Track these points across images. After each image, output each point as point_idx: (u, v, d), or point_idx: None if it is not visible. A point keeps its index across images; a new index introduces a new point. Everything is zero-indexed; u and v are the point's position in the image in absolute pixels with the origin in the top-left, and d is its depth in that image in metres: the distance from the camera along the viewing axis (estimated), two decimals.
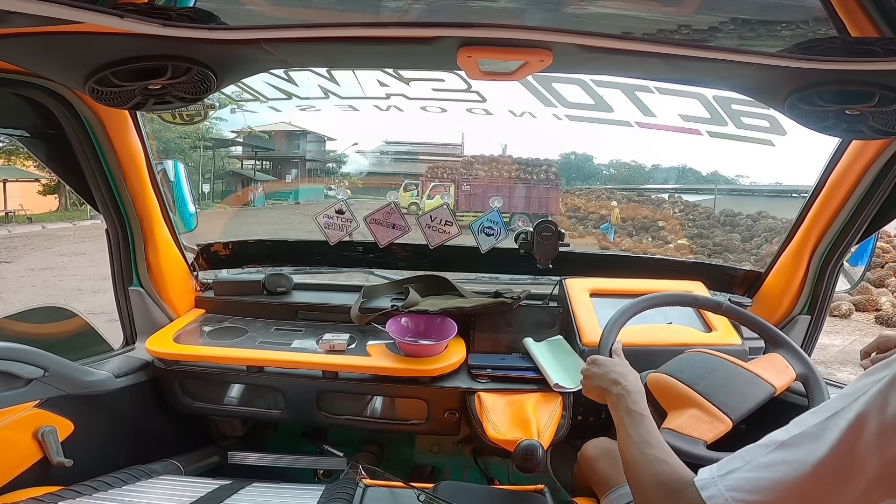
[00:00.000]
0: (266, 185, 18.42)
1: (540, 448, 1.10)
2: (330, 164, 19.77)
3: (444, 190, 15.64)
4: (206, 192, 17.17)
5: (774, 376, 1.12)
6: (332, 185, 19.09)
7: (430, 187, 15.99)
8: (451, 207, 15.12)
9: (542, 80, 1.47)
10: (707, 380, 1.10)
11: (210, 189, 17.50)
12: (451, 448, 1.83)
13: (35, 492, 1.01)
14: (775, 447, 0.60)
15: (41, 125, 1.22)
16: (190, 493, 1.05)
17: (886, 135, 0.95)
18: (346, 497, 1.00)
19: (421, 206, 15.63)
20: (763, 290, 1.60)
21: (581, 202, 16.76)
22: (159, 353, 1.39)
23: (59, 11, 0.61)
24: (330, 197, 19.05)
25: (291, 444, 1.80)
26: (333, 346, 1.39)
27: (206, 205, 15.87)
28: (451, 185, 15.88)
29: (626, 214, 14.91)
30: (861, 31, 0.84)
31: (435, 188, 15.93)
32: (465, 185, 15.78)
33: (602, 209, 15.68)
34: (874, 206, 1.31)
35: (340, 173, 19.86)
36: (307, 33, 0.77)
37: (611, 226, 14.30)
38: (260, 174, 18.75)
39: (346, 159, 19.20)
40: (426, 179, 16.74)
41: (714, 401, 1.05)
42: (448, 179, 16.19)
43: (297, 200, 18.26)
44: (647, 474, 0.75)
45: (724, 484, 0.61)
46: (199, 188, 15.80)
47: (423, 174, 16.81)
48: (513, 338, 1.51)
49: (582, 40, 0.74)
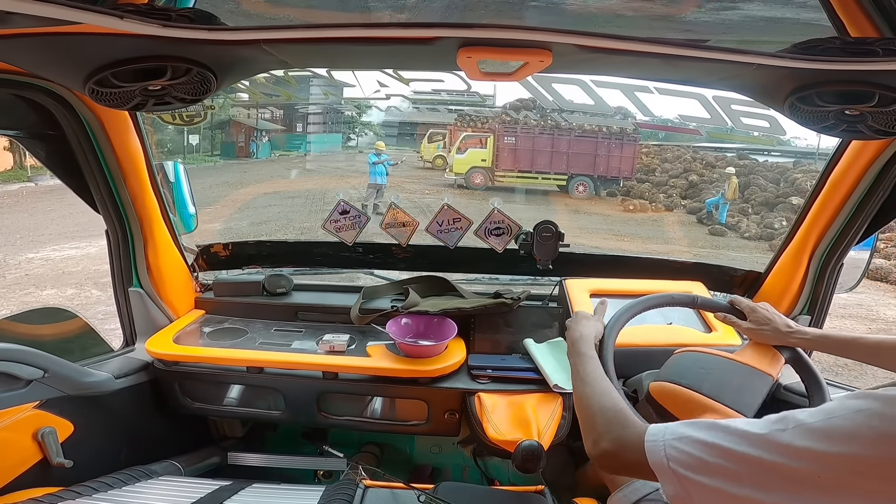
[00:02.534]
0: (273, 135, 16.23)
1: (540, 448, 1.10)
2: (348, 112, 17.33)
3: (481, 143, 12.73)
4: (195, 145, 14.54)
5: (767, 365, 1.12)
6: (352, 135, 16.99)
7: (460, 138, 12.94)
8: (489, 165, 12.05)
9: (541, 80, 1.47)
10: (709, 381, 1.09)
11: (198, 141, 14.80)
12: (451, 449, 1.83)
13: (35, 493, 1.01)
14: (730, 433, 0.59)
15: (41, 125, 1.22)
16: (190, 494, 1.05)
17: (886, 135, 0.94)
18: (346, 498, 1.00)
19: (449, 161, 13.26)
20: (763, 290, 1.59)
21: (655, 162, 13.41)
22: (159, 354, 1.39)
23: (59, 12, 0.61)
24: (350, 148, 17.04)
25: (291, 445, 1.80)
26: (333, 347, 1.39)
27: (191, 159, 13.66)
28: (490, 137, 12.70)
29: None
30: (861, 31, 0.84)
31: (468, 139, 12.82)
32: (507, 136, 12.47)
33: (689, 173, 12.34)
34: (874, 206, 1.31)
35: (361, 122, 17.96)
36: (307, 34, 0.77)
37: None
38: (264, 122, 16.17)
39: (367, 107, 16.74)
40: (455, 129, 13.62)
41: (724, 401, 1.05)
42: (485, 129, 12.98)
43: (308, 151, 16.04)
44: (591, 403, 0.81)
45: (668, 452, 0.62)
46: (185, 139, 13.68)
47: (451, 124, 13.81)
48: (513, 338, 1.51)
49: (581, 40, 0.74)
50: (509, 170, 12.73)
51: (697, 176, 12.43)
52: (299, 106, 15.07)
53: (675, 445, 0.62)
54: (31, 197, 10.86)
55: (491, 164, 12.74)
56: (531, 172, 12.56)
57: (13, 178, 12.04)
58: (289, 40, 0.81)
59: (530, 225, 1.56)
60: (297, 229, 8.23)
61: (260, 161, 15.38)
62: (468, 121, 13.39)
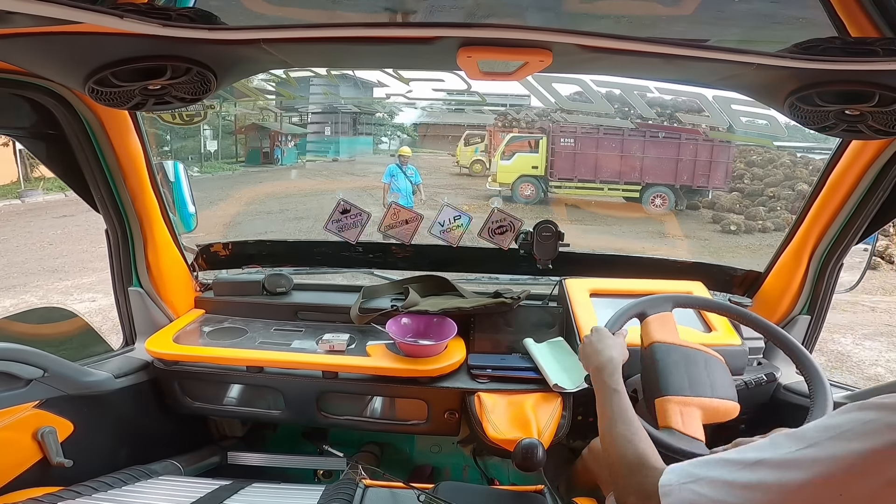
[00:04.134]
0: (300, 139, 15.17)
1: (540, 447, 1.10)
2: (379, 114, 16.21)
3: (529, 145, 10.65)
4: (213, 152, 13.67)
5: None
6: (382, 138, 15.86)
7: (505, 140, 10.80)
8: (542, 173, 10.26)
9: (541, 80, 1.47)
10: (691, 378, 1.10)
11: (217, 147, 13.89)
12: (451, 448, 1.83)
13: (35, 492, 1.01)
14: (744, 466, 0.57)
15: (41, 125, 1.22)
16: (190, 494, 1.05)
17: (886, 135, 0.94)
18: (346, 497, 1.00)
19: (491, 169, 11.03)
20: (763, 290, 1.59)
21: (740, 166, 10.91)
22: (159, 353, 1.39)
23: (59, 11, 0.61)
24: (381, 151, 15.92)
25: (291, 445, 1.80)
26: (333, 347, 1.39)
27: (209, 168, 12.90)
28: (542, 139, 10.42)
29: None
30: (861, 31, 0.84)
31: (515, 142, 10.69)
32: (565, 137, 10.15)
33: (795, 181, 9.77)
34: (874, 206, 1.31)
35: (392, 125, 16.88)
36: (307, 33, 0.77)
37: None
38: (290, 126, 15.13)
39: (397, 109, 15.31)
40: (496, 130, 11.58)
41: (713, 395, 1.07)
42: (535, 129, 10.87)
43: (337, 155, 14.93)
44: (613, 451, 0.80)
45: (683, 496, 0.60)
46: (202, 146, 13.28)
47: (491, 125, 11.78)
48: (513, 338, 1.51)
49: (582, 40, 0.74)
50: (567, 179, 10.37)
51: (807, 185, 8.93)
52: (324, 107, 14.32)
53: (691, 489, 0.60)
54: (16, 216, 9.30)
55: (544, 171, 10.42)
56: (594, 182, 10.28)
57: (3, 194, 10.48)
58: (289, 40, 0.81)
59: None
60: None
61: (283, 168, 14.23)
62: (509, 121, 11.33)
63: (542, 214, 9.57)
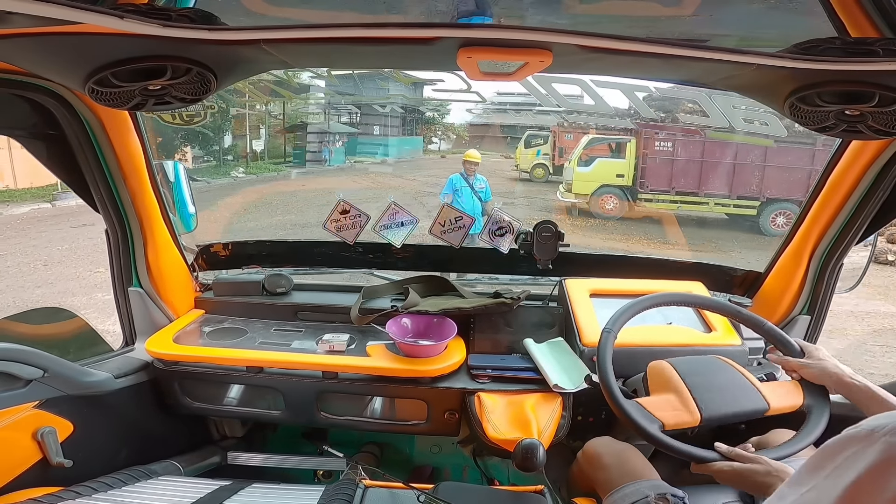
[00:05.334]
0: (348, 139, 14.45)
1: (540, 447, 1.10)
2: (429, 113, 15.49)
3: (610, 148, 9.02)
4: (259, 152, 13.09)
5: (777, 397, 1.10)
6: (434, 137, 14.93)
7: (583, 142, 9.00)
8: (629, 183, 8.54)
9: (541, 80, 1.48)
10: (702, 377, 1.11)
11: (263, 147, 13.35)
12: (451, 448, 1.83)
13: (34, 492, 1.01)
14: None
15: (41, 125, 1.22)
16: (190, 494, 1.05)
17: (886, 135, 0.94)
18: (346, 498, 1.00)
19: (565, 176, 9.31)
20: (763, 290, 1.60)
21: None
22: (159, 353, 1.39)
23: (59, 12, 0.61)
24: (432, 152, 15.41)
25: (291, 445, 1.80)
26: (333, 347, 1.39)
27: (255, 168, 12.31)
28: (630, 141, 8.57)
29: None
30: (861, 32, 0.84)
31: (596, 144, 8.95)
32: (660, 142, 8.35)
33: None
34: (874, 206, 1.31)
35: (443, 123, 15.93)
36: (307, 34, 0.77)
37: None
38: (338, 125, 14.44)
39: (448, 107, 14.65)
40: (562, 130, 10.11)
41: (695, 394, 1.07)
42: (618, 131, 8.77)
43: (386, 156, 14.28)
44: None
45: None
46: (248, 145, 12.83)
47: (556, 126, 10.24)
48: (513, 338, 1.51)
49: (582, 40, 0.74)
50: (662, 190, 8.49)
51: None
52: (373, 106, 13.20)
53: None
54: (36, 223, 8.43)
55: (631, 181, 8.67)
56: (697, 195, 8.42)
57: (38, 195, 9.87)
58: (289, 40, 0.81)
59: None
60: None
61: (329, 170, 13.33)
62: (576, 123, 9.64)
63: (634, 235, 8.01)
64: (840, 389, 1.09)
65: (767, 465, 0.95)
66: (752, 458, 0.97)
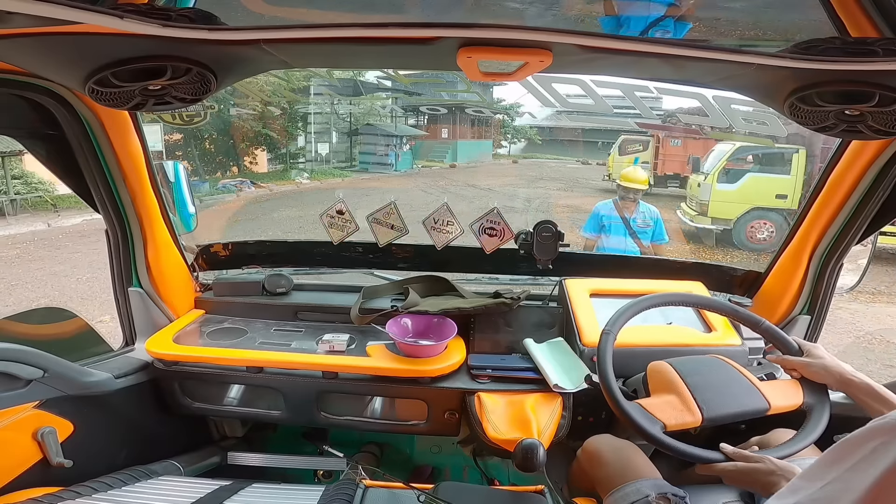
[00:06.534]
0: (416, 142, 13.53)
1: (540, 447, 1.10)
2: (499, 115, 14.06)
3: (759, 161, 7.01)
4: (324, 156, 12.59)
5: (777, 396, 1.09)
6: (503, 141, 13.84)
7: (724, 150, 6.88)
8: (793, 206, 5.82)
9: (541, 80, 1.47)
10: (702, 377, 1.11)
11: (328, 150, 12.72)
12: (451, 448, 1.83)
13: (35, 492, 1.01)
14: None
15: (41, 125, 1.22)
16: (190, 494, 1.05)
17: (886, 135, 0.94)
18: (346, 498, 1.00)
19: (702, 195, 6.90)
20: (763, 290, 1.59)
21: None
22: (159, 353, 1.39)
23: (59, 12, 0.61)
24: (501, 156, 14.49)
25: (291, 445, 1.80)
26: (333, 347, 1.39)
27: (320, 172, 11.70)
28: (799, 152, 6.43)
29: None
30: (861, 32, 0.84)
31: (743, 154, 6.81)
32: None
33: None
34: (874, 206, 1.31)
35: (514, 126, 14.83)
36: (307, 34, 0.77)
37: None
38: (405, 127, 13.49)
39: (519, 108, 13.23)
40: (667, 136, 8.34)
41: (695, 394, 1.07)
42: (765, 138, 6.29)
43: (454, 161, 13.43)
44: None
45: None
46: (314, 150, 12.23)
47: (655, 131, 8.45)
48: (513, 338, 1.51)
49: (582, 40, 0.74)
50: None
51: None
52: (439, 108, 12.98)
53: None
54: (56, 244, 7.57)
55: (798, 203, 6.46)
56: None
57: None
58: (289, 40, 0.81)
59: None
60: None
61: (395, 175, 12.40)
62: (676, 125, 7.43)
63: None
64: (841, 387, 1.09)
65: (772, 464, 0.96)
66: (757, 457, 0.98)
